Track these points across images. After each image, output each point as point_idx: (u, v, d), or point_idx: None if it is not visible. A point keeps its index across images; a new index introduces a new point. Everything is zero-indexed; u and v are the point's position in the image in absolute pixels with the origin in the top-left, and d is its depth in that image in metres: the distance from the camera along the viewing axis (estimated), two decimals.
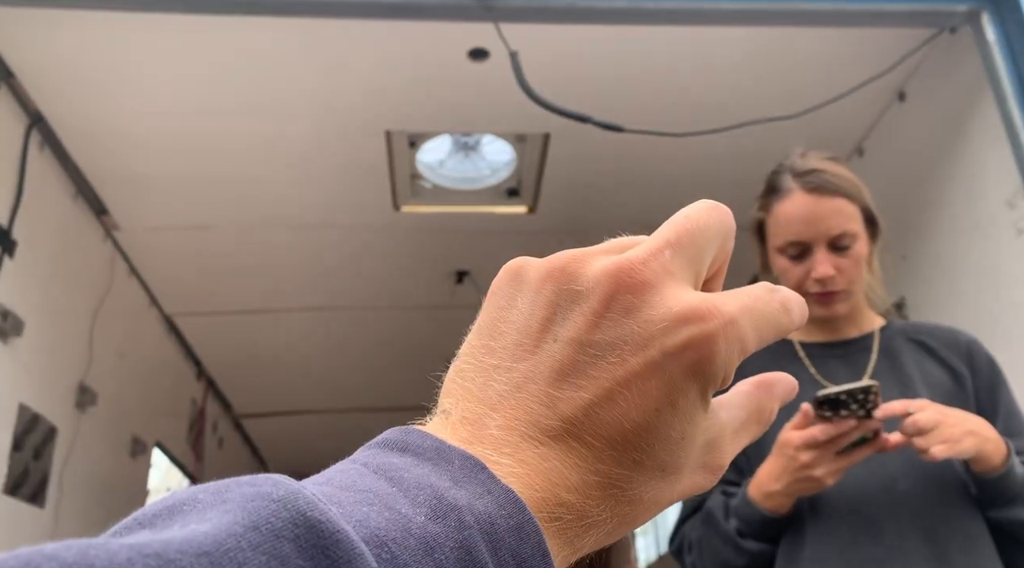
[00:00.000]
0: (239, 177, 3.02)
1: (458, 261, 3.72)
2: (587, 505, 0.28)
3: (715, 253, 0.32)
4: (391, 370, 4.80)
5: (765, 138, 2.82)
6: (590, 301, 0.28)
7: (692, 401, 0.28)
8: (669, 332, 0.28)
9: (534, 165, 3.04)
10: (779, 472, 1.18)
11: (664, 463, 0.29)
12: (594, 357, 0.28)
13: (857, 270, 1.29)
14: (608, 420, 0.27)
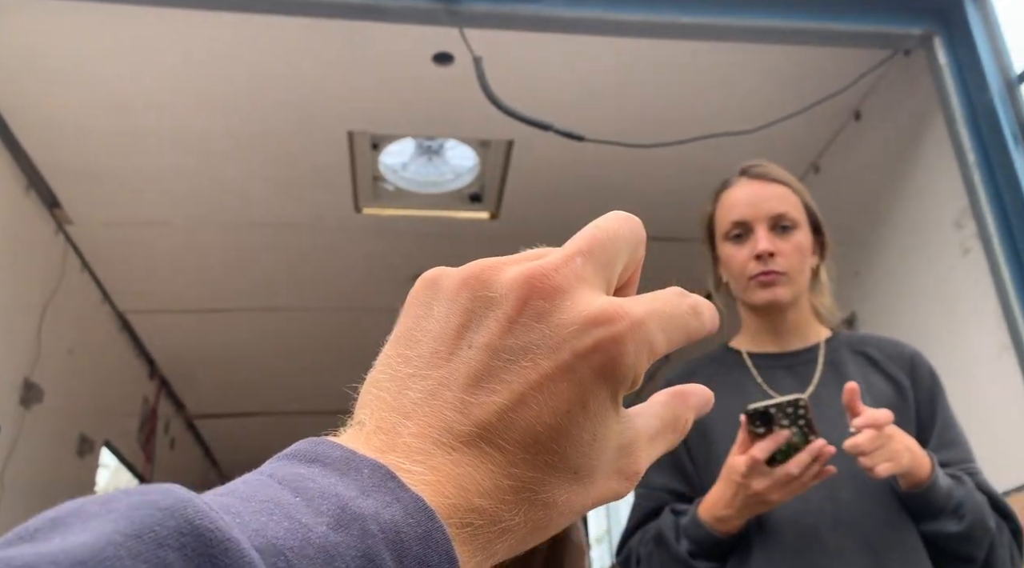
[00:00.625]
0: (196, 174, 2.98)
1: (418, 265, 3.70)
2: (500, 510, 0.28)
3: (626, 261, 0.33)
4: (348, 373, 4.68)
5: (723, 152, 2.87)
6: (503, 307, 0.29)
7: (603, 402, 0.29)
8: (579, 335, 0.28)
9: (497, 171, 3.05)
10: (730, 497, 1.19)
11: (577, 466, 0.29)
12: (507, 362, 0.28)
13: (798, 258, 1.31)
14: (521, 424, 0.28)
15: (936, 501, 1.19)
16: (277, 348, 4.42)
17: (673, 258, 3.66)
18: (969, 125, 1.97)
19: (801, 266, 1.32)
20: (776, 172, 1.37)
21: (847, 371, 1.33)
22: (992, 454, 1.95)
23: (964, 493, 1.21)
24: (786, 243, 1.31)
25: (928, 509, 1.20)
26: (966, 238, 2.12)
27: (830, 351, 1.37)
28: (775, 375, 1.36)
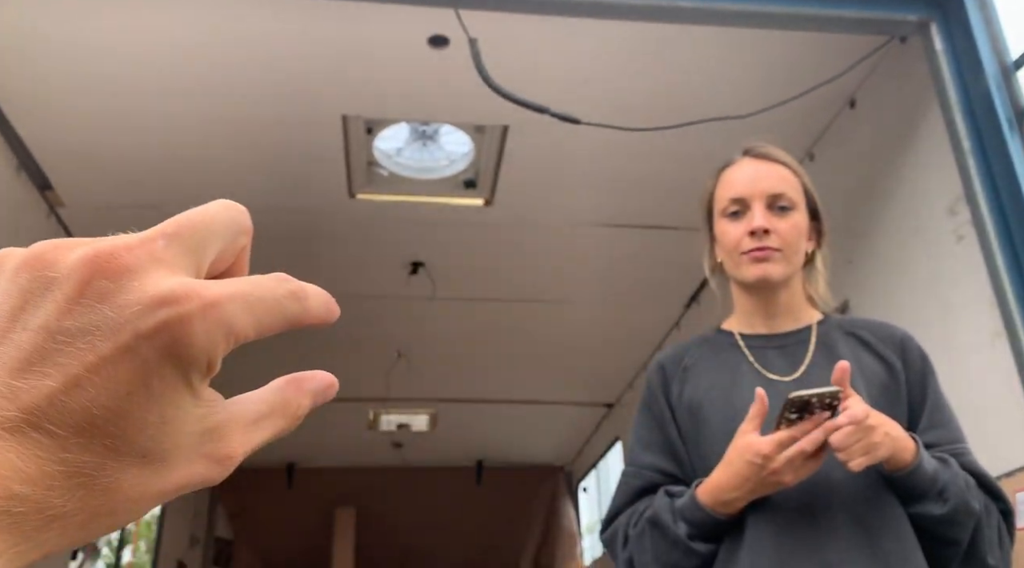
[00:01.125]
0: (191, 157, 2.96)
1: (413, 252, 3.70)
2: (48, 497, 0.27)
3: (222, 247, 0.33)
4: (342, 361, 4.76)
5: (718, 137, 2.86)
6: (64, 287, 0.28)
7: (170, 383, 0.28)
8: (143, 315, 0.28)
9: (492, 157, 3.04)
10: (741, 480, 1.19)
11: (144, 449, 0.28)
12: (63, 343, 0.28)
13: (794, 237, 1.30)
14: (74, 407, 0.27)
15: (920, 484, 1.19)
16: (269, 337, 4.41)
17: (667, 247, 3.67)
18: (964, 112, 1.97)
19: (796, 246, 1.31)
20: (778, 153, 1.37)
21: (839, 352, 1.32)
22: (984, 440, 1.95)
23: (949, 476, 1.20)
24: (783, 222, 1.31)
25: (912, 492, 1.21)
26: (960, 225, 2.12)
27: (822, 332, 1.36)
28: (767, 355, 1.35)
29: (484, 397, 5.43)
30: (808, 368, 1.31)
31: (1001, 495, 1.26)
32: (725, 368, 1.35)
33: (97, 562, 5.08)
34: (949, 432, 1.27)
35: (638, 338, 4.58)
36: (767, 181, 1.32)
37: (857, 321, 1.40)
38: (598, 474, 6.33)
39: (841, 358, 1.28)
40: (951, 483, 1.18)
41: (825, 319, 1.39)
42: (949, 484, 1.18)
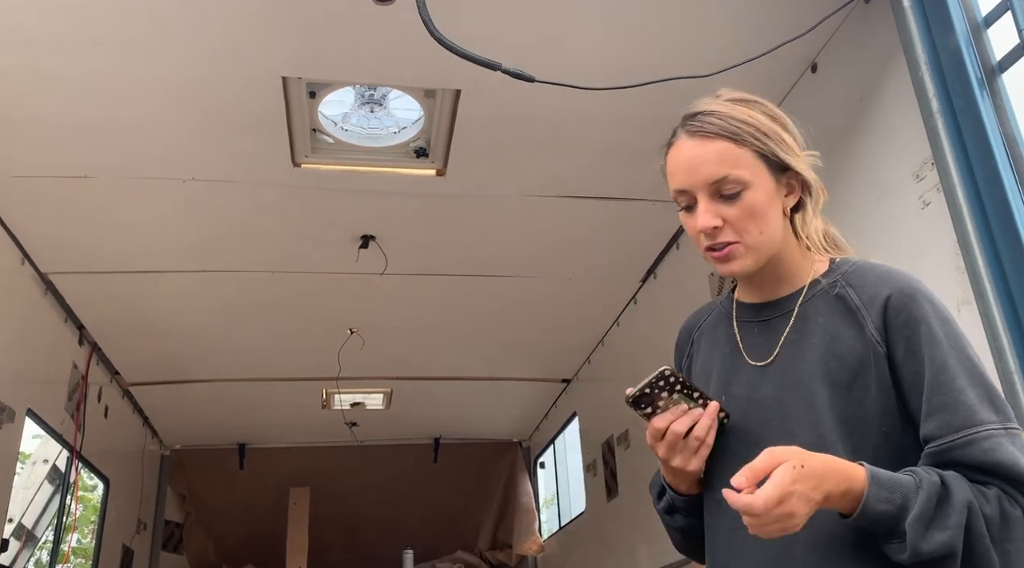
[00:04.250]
0: (122, 123, 2.77)
1: (363, 225, 3.55)
2: None
3: None
4: (291, 338, 4.60)
5: (678, 103, 2.76)
6: None
7: None
8: None
9: (444, 124, 2.90)
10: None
11: None
12: None
13: (750, 222, 1.17)
14: None
15: (873, 528, 1.01)
16: (215, 313, 4.23)
17: (625, 219, 3.56)
18: (933, 71, 1.90)
19: (759, 227, 1.17)
20: (714, 122, 1.20)
21: (811, 327, 1.19)
22: None
23: (913, 513, 0.98)
24: (733, 208, 1.17)
25: (871, 533, 1.03)
26: (926, 191, 2.06)
27: (807, 299, 1.21)
28: (752, 332, 1.26)
29: (440, 374, 5.32)
30: (780, 351, 1.20)
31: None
32: (716, 348, 1.30)
33: (36, 550, 4.87)
34: (954, 417, 1.04)
35: (595, 312, 4.51)
36: (705, 167, 1.17)
37: (854, 274, 1.21)
38: (555, 449, 6.28)
39: (811, 336, 1.18)
40: (912, 524, 0.98)
41: (828, 272, 1.23)
42: (909, 526, 0.98)
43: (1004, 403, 1.07)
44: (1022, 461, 1.02)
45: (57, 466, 4.62)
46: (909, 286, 1.15)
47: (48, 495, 4.70)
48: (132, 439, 5.45)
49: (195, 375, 5.02)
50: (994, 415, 1.04)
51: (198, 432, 6.09)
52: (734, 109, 1.21)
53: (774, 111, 1.26)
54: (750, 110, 1.22)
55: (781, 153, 1.20)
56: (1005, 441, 1.03)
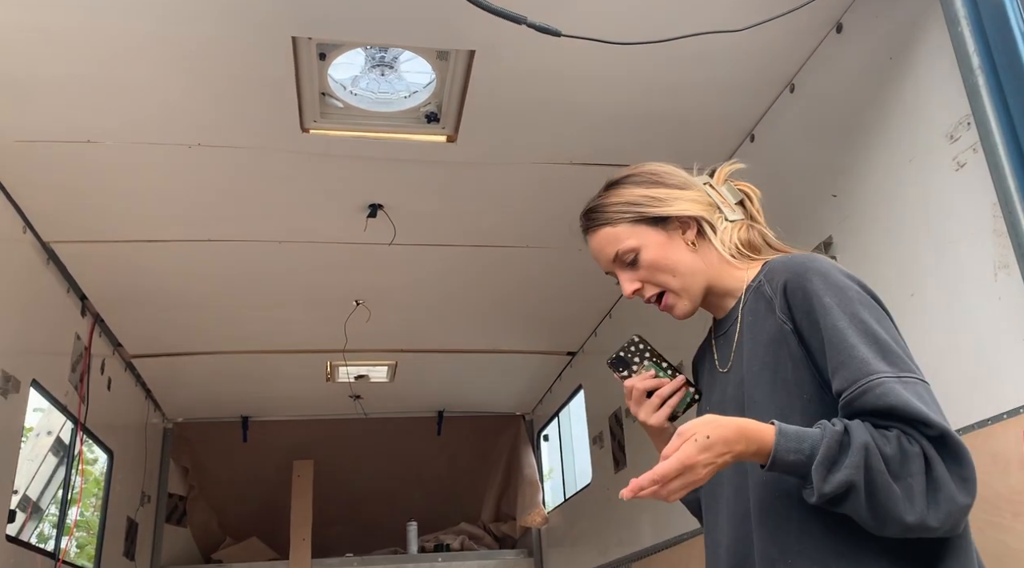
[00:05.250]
0: (127, 86, 2.69)
1: (371, 193, 3.48)
2: None
3: None
4: (296, 310, 4.55)
5: (701, 69, 2.69)
6: None
7: None
8: None
9: (456, 87, 2.82)
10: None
11: None
12: None
13: (660, 273, 1.39)
14: None
15: (792, 472, 1.15)
16: (219, 283, 4.17)
17: None
18: (974, 25, 1.83)
19: (670, 274, 1.39)
20: (594, 216, 1.46)
21: (749, 325, 1.34)
22: (987, 378, 1.87)
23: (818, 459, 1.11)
24: (640, 271, 1.41)
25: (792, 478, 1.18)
26: (960, 152, 2.00)
27: (746, 306, 1.37)
28: (720, 344, 1.45)
29: (445, 347, 5.28)
30: (734, 355, 1.37)
31: (929, 421, 1.12)
32: (705, 365, 1.52)
33: (41, 522, 4.85)
34: (850, 371, 1.17)
35: (603, 285, 4.41)
36: (602, 253, 1.45)
37: (770, 270, 1.36)
38: (559, 422, 6.27)
39: (744, 333, 1.34)
40: (817, 468, 1.11)
41: (758, 274, 1.38)
42: (815, 470, 1.11)
43: (898, 356, 1.18)
44: (914, 402, 1.12)
45: (61, 438, 4.58)
46: (802, 266, 1.28)
47: (52, 467, 4.67)
48: (135, 412, 5.41)
49: (198, 347, 4.97)
50: (887, 366, 1.16)
51: (201, 405, 6.05)
52: (606, 197, 1.46)
53: (645, 175, 1.46)
54: (619, 190, 1.45)
55: (651, 211, 1.41)
56: (897, 386, 1.13)
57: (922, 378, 1.18)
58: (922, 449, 1.10)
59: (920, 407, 1.12)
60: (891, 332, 1.22)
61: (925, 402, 1.13)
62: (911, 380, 1.15)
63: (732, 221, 1.41)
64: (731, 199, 1.44)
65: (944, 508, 1.07)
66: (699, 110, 2.94)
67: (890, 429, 1.12)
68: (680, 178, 1.46)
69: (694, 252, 1.40)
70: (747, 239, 1.44)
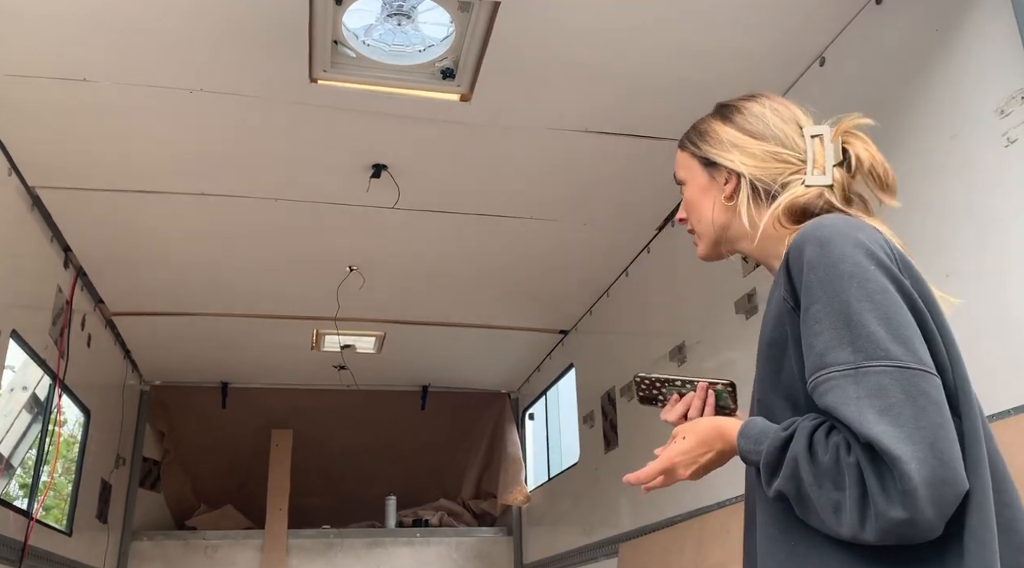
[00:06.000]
0: (130, 22, 2.54)
1: (377, 152, 3.35)
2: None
3: None
4: (287, 274, 4.41)
5: (734, 33, 2.59)
6: None
7: None
8: None
9: (476, 42, 2.70)
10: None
11: None
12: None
13: (691, 212, 1.39)
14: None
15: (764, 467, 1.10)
16: (209, 241, 4.02)
17: (654, 159, 3.36)
18: None
19: (695, 217, 1.39)
20: (687, 131, 1.42)
21: (768, 302, 1.25)
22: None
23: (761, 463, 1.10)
24: (684, 202, 1.42)
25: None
26: (1012, 127, 1.92)
27: (777, 274, 1.25)
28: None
29: (437, 319, 5.17)
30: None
31: (853, 427, 0.97)
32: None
33: (10, 481, 4.70)
34: (808, 363, 1.06)
35: (605, 260, 4.37)
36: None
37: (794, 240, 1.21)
38: (547, 401, 6.20)
39: (767, 304, 1.25)
40: (761, 471, 1.10)
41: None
42: (760, 472, 1.11)
43: (871, 340, 1.00)
44: (847, 405, 0.98)
45: (37, 395, 4.42)
46: (803, 235, 1.15)
47: (26, 424, 4.51)
48: (113, 371, 5.25)
49: (182, 308, 4.82)
50: (847, 354, 1.00)
51: (180, 368, 5.90)
52: (700, 121, 1.41)
53: (738, 110, 1.37)
54: (711, 116, 1.40)
55: (706, 151, 1.36)
56: (844, 382, 1.00)
57: (901, 364, 0.98)
58: (857, 459, 0.97)
59: (848, 410, 0.98)
60: (884, 310, 1.02)
61: (873, 399, 0.96)
62: (873, 370, 0.98)
63: (809, 185, 1.26)
64: (830, 159, 1.26)
65: (877, 524, 0.94)
66: (725, 80, 2.84)
67: (838, 432, 1.02)
68: (767, 125, 1.32)
69: (726, 206, 1.33)
70: (798, 206, 1.27)
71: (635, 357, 4.25)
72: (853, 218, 1.19)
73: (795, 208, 1.27)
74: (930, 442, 0.94)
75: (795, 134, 1.30)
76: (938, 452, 0.94)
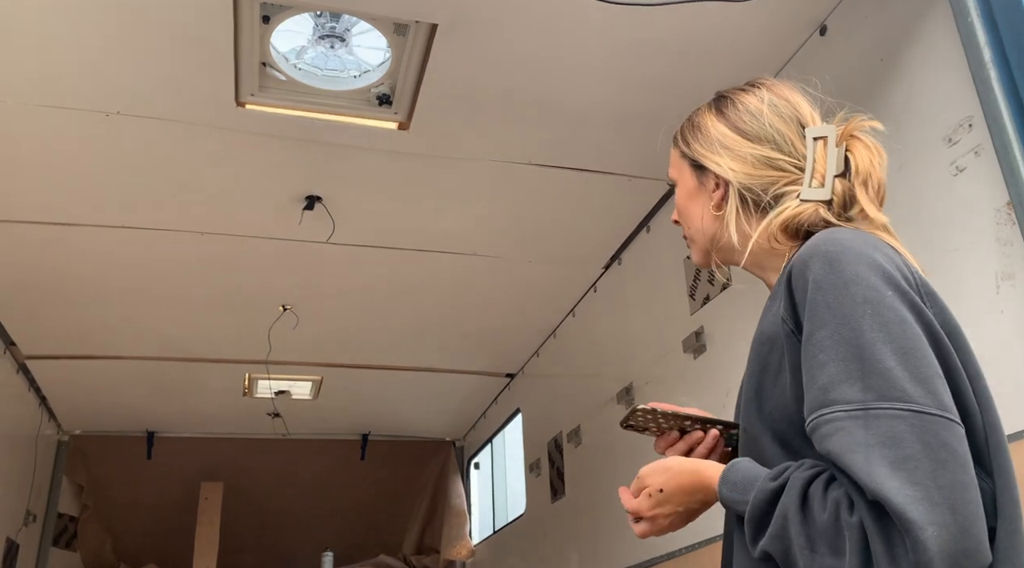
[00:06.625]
0: (36, 36, 2.36)
1: (309, 183, 3.19)
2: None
3: None
4: (216, 313, 4.18)
5: (679, 65, 2.53)
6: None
7: None
8: None
9: (413, 67, 2.59)
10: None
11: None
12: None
13: (681, 217, 1.26)
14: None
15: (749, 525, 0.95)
16: (133, 278, 3.79)
17: (601, 195, 3.27)
18: (983, 18, 1.71)
19: (685, 223, 1.25)
20: (681, 129, 1.27)
21: (760, 322, 1.10)
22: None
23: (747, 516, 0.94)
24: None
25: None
26: (960, 156, 1.87)
27: (774, 288, 1.12)
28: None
29: (376, 362, 4.97)
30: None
31: (861, 482, 0.83)
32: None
33: None
34: (808, 400, 0.91)
35: (551, 300, 4.25)
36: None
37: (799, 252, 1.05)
38: (492, 449, 5.99)
39: (759, 324, 1.10)
40: (746, 525, 0.95)
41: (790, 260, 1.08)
42: (745, 526, 0.95)
43: (885, 376, 0.86)
44: (853, 453, 0.83)
45: None
46: (810, 249, 0.99)
47: None
48: (25, 420, 4.90)
49: (103, 351, 4.53)
50: (856, 392, 0.86)
51: (102, 416, 5.55)
52: (695, 113, 1.25)
53: (733, 103, 1.20)
54: (705, 110, 1.24)
55: (695, 152, 1.21)
56: (850, 425, 0.85)
57: (919, 409, 0.84)
58: (861, 520, 0.83)
59: (855, 459, 0.83)
60: (901, 343, 0.88)
61: (885, 448, 0.82)
62: (887, 413, 0.84)
63: (803, 201, 1.09)
64: (831, 169, 1.10)
65: None
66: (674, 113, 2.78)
67: (839, 485, 0.87)
68: (762, 124, 1.15)
69: (716, 214, 1.18)
70: (797, 225, 1.10)
71: (583, 401, 4.11)
72: (868, 234, 1.03)
73: (792, 226, 1.11)
74: (951, 505, 0.79)
75: (794, 135, 1.14)
76: (960, 517, 0.79)
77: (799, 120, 1.16)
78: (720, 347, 2.91)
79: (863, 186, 1.10)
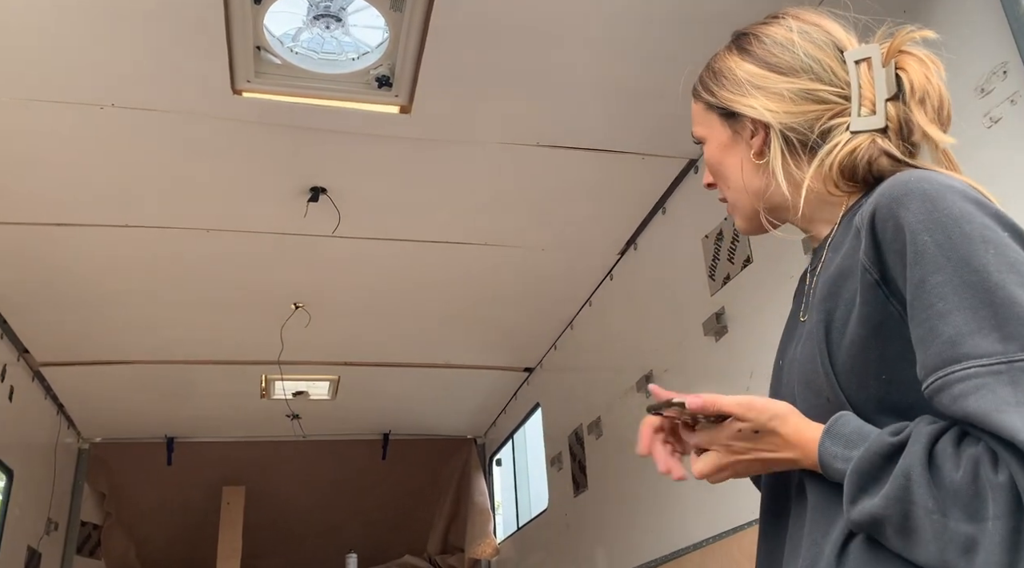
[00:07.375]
0: (23, 29, 2.29)
1: (313, 173, 3.11)
2: None
3: None
4: (227, 313, 4.12)
5: (692, 43, 2.41)
6: None
7: None
8: None
9: (412, 45, 2.49)
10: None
11: None
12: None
13: (716, 177, 1.12)
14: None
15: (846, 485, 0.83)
16: (141, 279, 3.72)
17: (616, 177, 3.16)
18: None
19: (723, 182, 1.11)
20: (696, 84, 1.14)
21: (826, 271, 0.96)
22: None
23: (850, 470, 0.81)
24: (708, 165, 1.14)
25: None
26: (994, 106, 1.74)
27: (832, 240, 0.99)
28: (807, 282, 1.05)
29: (393, 360, 4.88)
30: (807, 307, 1.00)
31: (1017, 440, 0.72)
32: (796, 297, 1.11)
33: None
34: (930, 355, 0.80)
35: (565, 290, 4.14)
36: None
37: (877, 192, 0.92)
38: (514, 445, 5.89)
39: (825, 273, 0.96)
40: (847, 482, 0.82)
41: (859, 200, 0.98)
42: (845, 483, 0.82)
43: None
44: (1003, 411, 0.72)
45: None
46: (902, 186, 0.87)
47: None
48: (43, 429, 4.87)
49: (116, 355, 4.48)
50: (993, 344, 0.75)
51: (121, 423, 5.51)
52: (714, 58, 1.13)
53: (758, 38, 1.07)
54: (726, 51, 1.11)
55: (722, 97, 1.07)
56: (994, 382, 0.74)
57: None
58: (1010, 478, 0.72)
59: (1007, 420, 0.72)
60: None
61: None
62: None
63: (855, 133, 0.96)
64: (881, 93, 0.97)
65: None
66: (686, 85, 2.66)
67: (977, 443, 0.76)
68: (795, 54, 1.02)
69: (757, 166, 1.05)
70: (856, 164, 0.97)
71: (602, 391, 3.99)
72: (950, 175, 0.91)
73: (850, 164, 0.97)
74: None
75: (833, 61, 1.01)
76: None
77: (836, 44, 1.02)
78: (742, 328, 2.79)
79: (920, 106, 0.97)
